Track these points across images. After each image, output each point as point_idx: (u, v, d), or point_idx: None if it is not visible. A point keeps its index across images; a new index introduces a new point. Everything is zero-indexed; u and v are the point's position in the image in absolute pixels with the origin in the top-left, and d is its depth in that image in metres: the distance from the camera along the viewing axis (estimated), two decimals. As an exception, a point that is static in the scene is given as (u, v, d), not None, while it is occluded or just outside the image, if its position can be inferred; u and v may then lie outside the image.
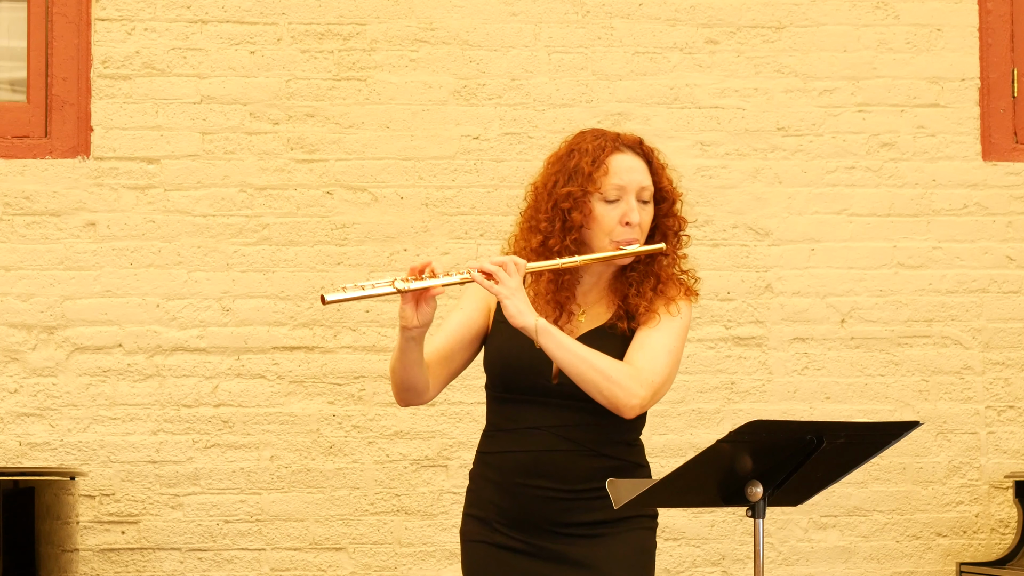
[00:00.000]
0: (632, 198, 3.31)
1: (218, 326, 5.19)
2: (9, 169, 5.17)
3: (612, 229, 3.31)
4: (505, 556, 3.35)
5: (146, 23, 5.23)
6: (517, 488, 3.32)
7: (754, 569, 3.03)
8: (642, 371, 3.25)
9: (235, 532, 5.15)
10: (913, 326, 5.35)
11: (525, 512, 3.32)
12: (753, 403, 5.28)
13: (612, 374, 3.21)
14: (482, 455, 3.42)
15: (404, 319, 3.21)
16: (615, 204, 3.31)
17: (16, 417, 5.12)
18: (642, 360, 3.27)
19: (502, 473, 3.34)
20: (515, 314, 3.18)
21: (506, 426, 3.35)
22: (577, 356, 3.20)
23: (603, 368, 3.21)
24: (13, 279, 5.15)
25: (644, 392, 3.24)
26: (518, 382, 3.32)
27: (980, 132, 5.40)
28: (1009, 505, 5.32)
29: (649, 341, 3.30)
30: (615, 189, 3.30)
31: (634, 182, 3.32)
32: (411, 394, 3.36)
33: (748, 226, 5.32)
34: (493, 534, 3.36)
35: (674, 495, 3.10)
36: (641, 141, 3.39)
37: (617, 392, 3.21)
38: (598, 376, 3.21)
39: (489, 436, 3.41)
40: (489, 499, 3.37)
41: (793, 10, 5.37)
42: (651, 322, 3.31)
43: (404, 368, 3.30)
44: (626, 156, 3.34)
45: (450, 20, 5.30)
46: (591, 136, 3.37)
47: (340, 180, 5.24)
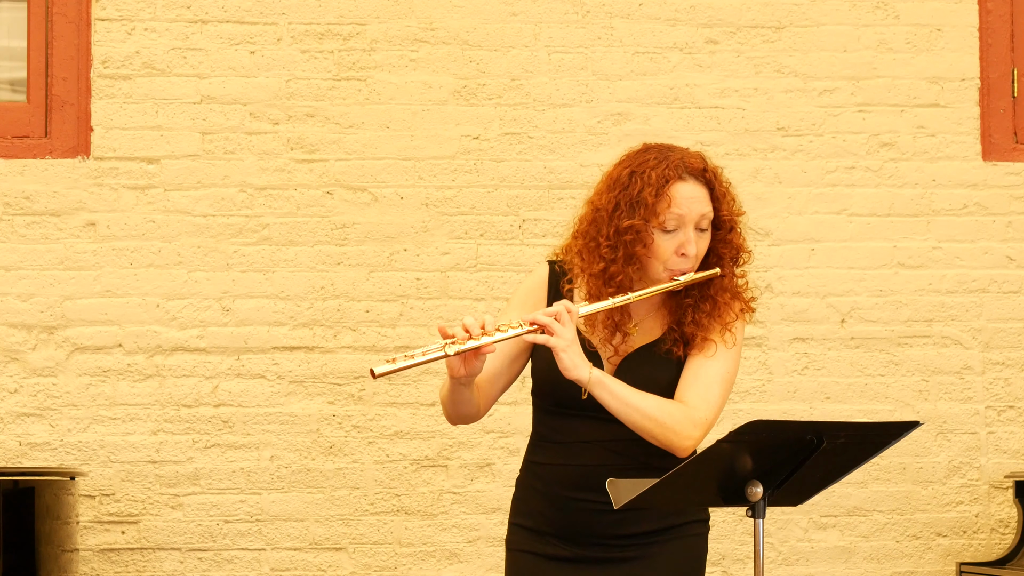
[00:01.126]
0: (690, 229, 3.27)
1: (218, 326, 5.19)
2: (9, 169, 5.17)
3: (668, 259, 3.27)
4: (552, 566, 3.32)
5: (146, 23, 5.23)
6: (566, 501, 3.30)
7: (754, 569, 3.03)
8: (695, 410, 3.24)
9: (235, 532, 5.15)
10: (913, 326, 5.35)
11: (574, 524, 3.30)
12: (753, 403, 5.28)
13: (665, 420, 3.20)
14: (530, 463, 3.39)
15: (452, 370, 3.19)
16: (672, 234, 3.27)
17: (16, 417, 5.12)
18: (695, 397, 3.25)
19: (550, 485, 3.32)
20: (570, 367, 3.15)
21: (555, 438, 3.34)
22: (631, 407, 3.19)
23: (656, 416, 3.19)
24: (13, 279, 5.15)
25: (697, 432, 3.24)
26: (568, 397, 3.28)
27: (980, 132, 5.40)
28: (1009, 505, 5.32)
29: (703, 373, 3.28)
30: (674, 219, 3.26)
31: (694, 212, 3.27)
32: (465, 420, 3.36)
33: (748, 226, 5.29)
34: (543, 545, 3.33)
35: (674, 495, 3.10)
36: (705, 168, 3.32)
37: (671, 437, 3.21)
38: (651, 424, 3.20)
39: (537, 446, 3.39)
40: (538, 510, 3.34)
41: (793, 10, 5.37)
42: (707, 350, 3.29)
43: (454, 405, 3.30)
44: (688, 185, 3.28)
45: (450, 20, 5.30)
46: (654, 160, 3.29)
47: (340, 180, 5.24)
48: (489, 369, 3.32)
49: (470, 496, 5.20)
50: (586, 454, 3.29)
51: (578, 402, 3.26)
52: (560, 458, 3.32)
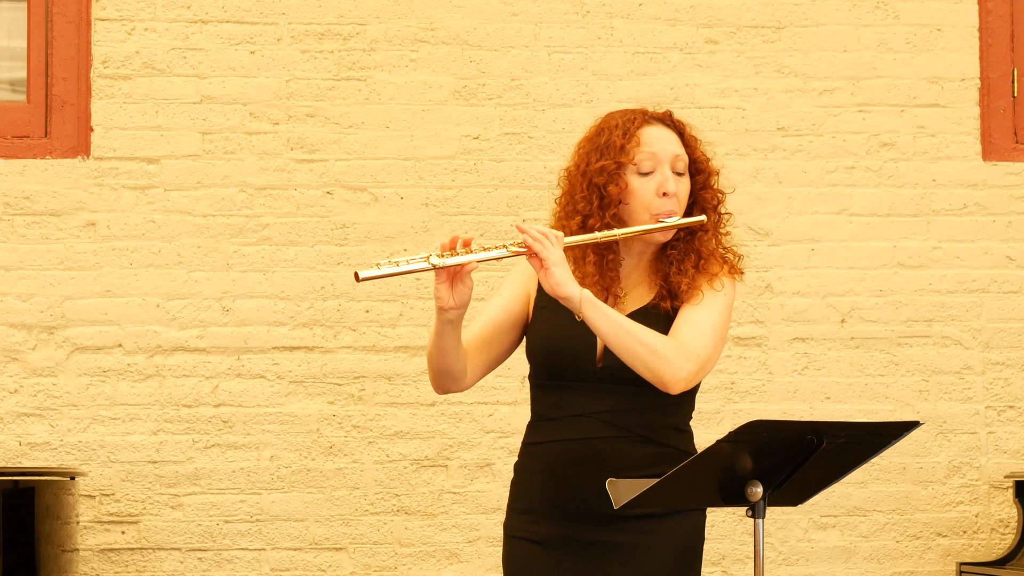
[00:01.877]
0: (666, 167, 3.27)
1: (218, 326, 5.19)
2: (9, 169, 5.17)
3: (650, 202, 3.26)
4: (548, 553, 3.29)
5: (146, 23, 5.23)
6: (565, 478, 3.26)
7: (754, 569, 3.03)
8: (687, 345, 3.19)
9: (235, 532, 5.15)
10: (913, 326, 5.35)
11: (573, 501, 3.26)
12: (753, 403, 5.28)
13: (658, 347, 3.15)
14: (528, 446, 3.37)
15: (440, 299, 3.14)
16: (650, 176, 3.26)
17: (16, 417, 5.12)
18: (687, 335, 3.21)
19: (549, 463, 3.29)
20: (560, 283, 3.11)
21: (552, 415, 3.30)
22: (622, 328, 3.14)
23: (648, 341, 3.15)
24: (13, 279, 5.15)
25: (691, 366, 3.19)
26: (562, 368, 3.26)
27: (980, 132, 5.40)
28: (1009, 505, 5.32)
29: (693, 317, 3.25)
30: (648, 159, 3.26)
31: (667, 151, 3.28)
32: (448, 380, 3.30)
33: (748, 226, 5.32)
34: (537, 526, 3.30)
35: (674, 495, 3.10)
36: (671, 113, 3.35)
37: (663, 366, 3.15)
38: (643, 349, 3.14)
39: (535, 426, 3.36)
40: (536, 490, 3.31)
41: (793, 10, 5.37)
42: (694, 299, 3.26)
43: (441, 353, 3.24)
44: (656, 128, 3.31)
45: (450, 20, 5.30)
46: (620, 113, 3.35)
47: (340, 180, 5.24)
48: (480, 334, 3.31)
49: (470, 496, 5.20)
50: (583, 427, 3.26)
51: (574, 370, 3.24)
52: (557, 434, 3.29)
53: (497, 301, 3.37)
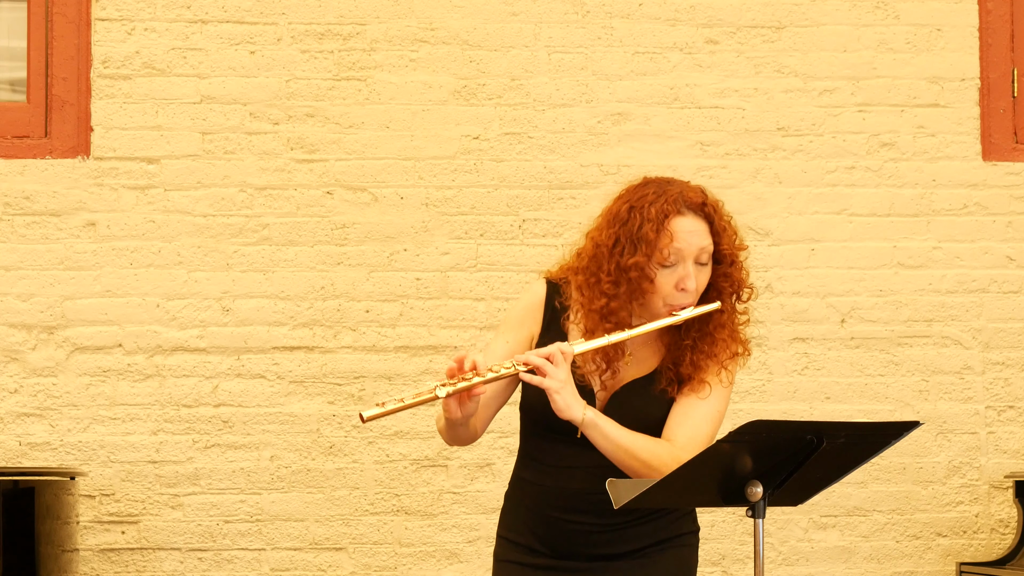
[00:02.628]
0: (690, 263, 3.25)
1: (218, 326, 5.19)
2: (9, 169, 5.17)
3: (668, 294, 3.25)
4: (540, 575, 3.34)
5: (146, 23, 5.23)
6: (554, 521, 3.31)
7: (754, 569, 3.03)
8: (682, 451, 3.21)
9: (235, 532, 5.15)
10: (913, 326, 5.35)
11: (564, 543, 3.31)
12: (753, 403, 5.28)
13: (652, 462, 3.19)
14: (519, 479, 3.41)
15: (448, 412, 3.19)
16: (672, 269, 3.24)
17: (16, 417, 5.12)
18: (683, 437, 3.25)
19: (538, 503, 3.33)
20: (564, 409, 3.15)
21: (542, 459, 3.35)
22: (620, 448, 3.19)
23: (644, 458, 3.19)
24: (13, 279, 5.15)
25: None
26: (556, 424, 3.26)
27: (980, 132, 5.40)
28: (1009, 505, 5.32)
29: (694, 413, 3.28)
30: (674, 254, 3.24)
31: (693, 246, 3.24)
32: (461, 442, 3.38)
33: (748, 226, 5.32)
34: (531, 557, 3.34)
35: (674, 495, 3.10)
36: (704, 201, 3.29)
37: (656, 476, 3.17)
38: (638, 464, 3.19)
39: (524, 461, 3.41)
40: (526, 525, 3.35)
41: (793, 10, 5.37)
42: (701, 391, 3.28)
43: (452, 436, 3.32)
44: (687, 219, 3.25)
45: (450, 20, 5.30)
46: (653, 195, 3.27)
47: (340, 180, 5.24)
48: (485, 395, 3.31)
49: (470, 496, 5.20)
50: (571, 478, 3.30)
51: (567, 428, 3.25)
52: (546, 479, 3.33)
53: (502, 349, 3.36)
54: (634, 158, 5.30)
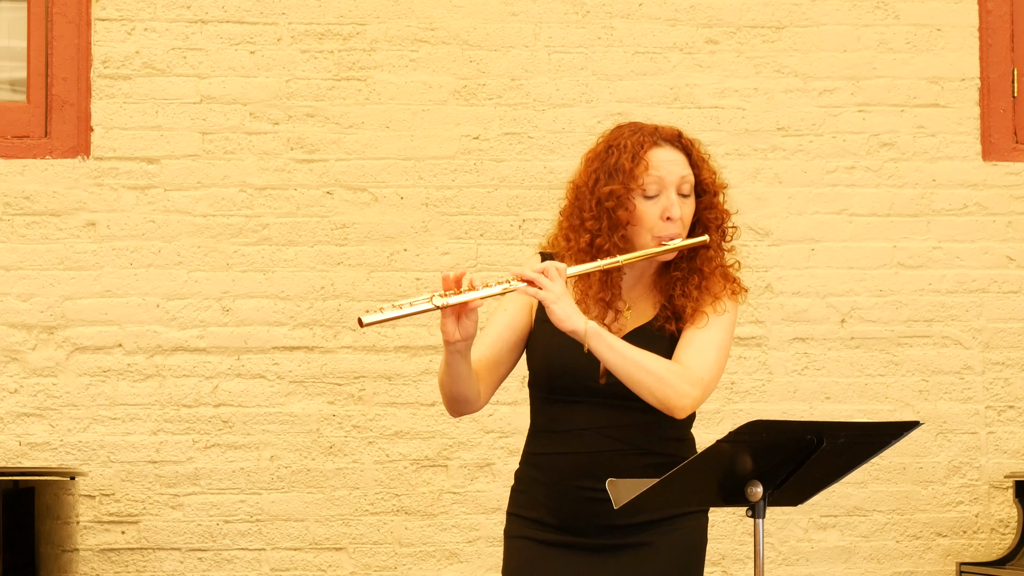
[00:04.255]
0: (672, 192, 3.28)
1: (218, 326, 5.19)
2: (9, 169, 5.17)
3: (654, 225, 3.27)
4: (553, 553, 3.32)
5: (146, 23, 5.23)
6: (568, 490, 3.29)
7: (754, 569, 3.03)
8: (692, 370, 3.22)
9: (235, 532, 5.15)
10: (913, 326, 5.35)
11: (576, 513, 3.30)
12: (753, 403, 5.28)
13: (663, 374, 3.18)
14: (530, 455, 3.39)
15: (446, 334, 3.16)
16: (655, 199, 3.27)
17: (16, 417, 5.12)
18: (691, 359, 3.24)
19: (551, 475, 3.31)
20: (563, 318, 3.14)
21: (554, 427, 3.33)
22: (628, 359, 3.17)
23: (654, 369, 3.18)
24: (13, 279, 5.15)
25: (695, 391, 3.22)
26: (565, 384, 3.28)
27: (980, 132, 5.40)
28: (1009, 505, 5.32)
29: (697, 339, 3.27)
30: (655, 182, 3.27)
31: (673, 174, 3.28)
32: (462, 404, 3.33)
33: (748, 226, 5.32)
34: (543, 533, 3.33)
35: (674, 495, 3.10)
36: (680, 134, 3.35)
37: (668, 392, 3.18)
38: (649, 378, 3.18)
39: (535, 437, 3.38)
40: (539, 500, 3.34)
41: (793, 10, 5.37)
42: (699, 322, 3.28)
43: (453, 382, 3.26)
44: (665, 150, 3.31)
45: (450, 20, 5.30)
46: (629, 131, 3.34)
47: (340, 180, 5.25)
48: (488, 356, 3.33)
49: (470, 496, 5.20)
50: (585, 441, 3.28)
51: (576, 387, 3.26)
52: (560, 447, 3.31)
53: (502, 317, 3.37)
54: (634, 158, 5.30)
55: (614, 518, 3.26)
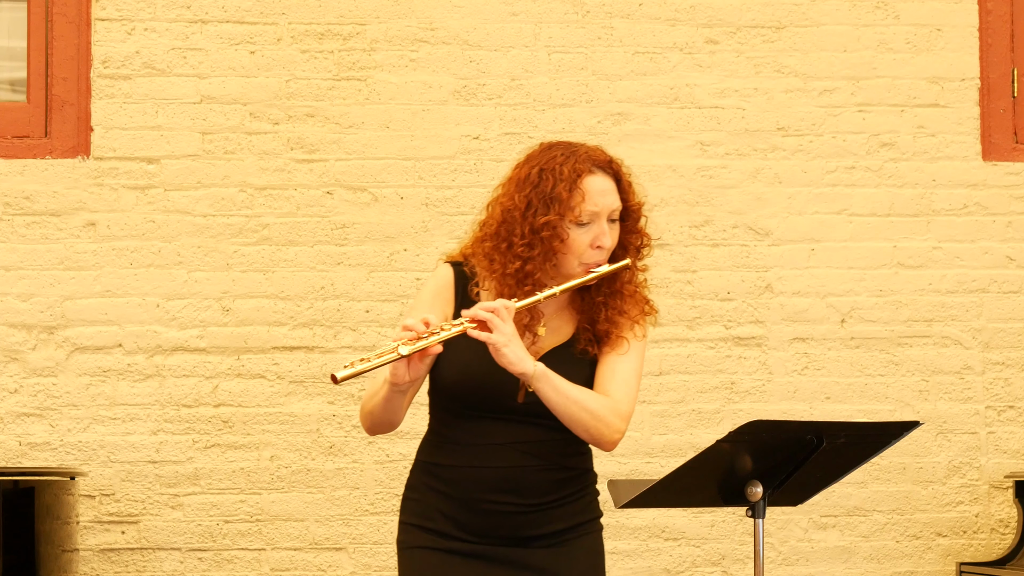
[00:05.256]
0: (604, 221, 3.30)
1: (218, 326, 5.19)
2: (9, 169, 5.17)
3: (583, 252, 3.29)
4: (455, 561, 3.30)
5: (146, 23, 5.23)
6: (475, 503, 3.29)
7: (754, 569, 3.04)
8: (620, 403, 3.27)
9: (235, 532, 5.15)
10: (913, 326, 5.35)
11: (483, 525, 3.29)
12: (753, 403, 5.28)
13: (599, 412, 3.23)
14: (429, 465, 3.39)
15: (396, 377, 3.20)
16: (587, 227, 3.28)
17: (16, 417, 5.12)
18: (618, 391, 3.29)
19: (458, 487, 3.31)
20: (515, 361, 3.15)
21: (465, 440, 3.32)
22: (571, 400, 3.21)
23: (593, 409, 3.22)
24: (13, 279, 5.15)
25: (623, 426, 3.27)
26: (482, 400, 3.29)
27: (980, 132, 5.40)
28: (1009, 505, 5.32)
29: (620, 369, 3.31)
30: (589, 214, 3.28)
31: (607, 206, 3.30)
32: (386, 428, 3.39)
33: (748, 226, 5.32)
34: (445, 542, 3.31)
35: (674, 495, 3.11)
36: (611, 160, 3.35)
37: (603, 430, 3.23)
38: (587, 416, 3.22)
39: (440, 447, 3.38)
40: (440, 510, 3.32)
41: (793, 10, 5.37)
42: (619, 347, 3.32)
43: (384, 414, 3.32)
44: (598, 177, 3.31)
45: (450, 20, 5.30)
46: (562, 156, 3.32)
47: (340, 180, 5.25)
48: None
49: (470, 496, 5.20)
50: (500, 456, 3.29)
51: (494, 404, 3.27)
52: (470, 460, 3.31)
53: None
54: (634, 158, 5.29)
55: (521, 530, 3.28)
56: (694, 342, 5.28)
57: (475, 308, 3.18)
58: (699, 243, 5.30)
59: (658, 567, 5.24)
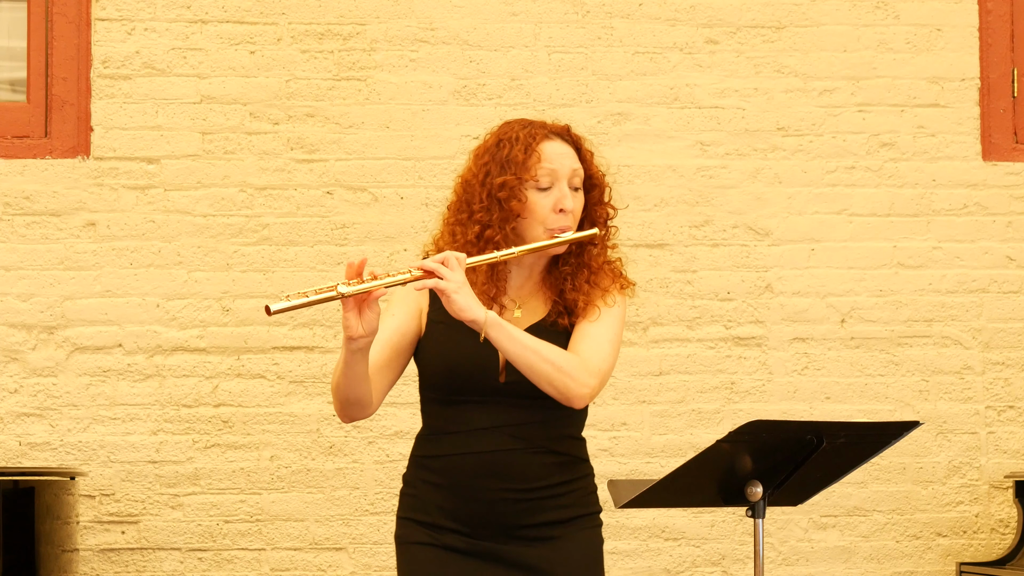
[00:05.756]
0: (564, 184, 3.29)
1: (218, 326, 5.19)
2: (9, 169, 5.17)
3: (546, 217, 3.28)
4: (452, 558, 3.29)
5: (146, 23, 5.23)
6: (470, 491, 3.27)
7: (754, 569, 3.04)
8: (589, 360, 3.22)
9: (235, 532, 5.15)
10: (913, 326, 5.35)
11: (478, 515, 3.27)
12: (753, 403, 5.28)
13: (563, 364, 3.18)
14: (422, 459, 3.37)
15: (348, 328, 3.11)
16: (547, 192, 3.28)
17: (16, 417, 5.13)
18: (587, 350, 3.25)
19: (451, 477, 3.29)
20: (464, 308, 3.11)
21: (452, 428, 3.31)
22: (527, 348, 3.16)
23: (553, 359, 3.17)
24: (13, 279, 5.15)
25: (593, 381, 3.22)
26: (464, 384, 3.27)
27: (980, 132, 5.40)
28: (1009, 505, 5.33)
29: (591, 332, 3.28)
30: (547, 175, 3.28)
31: (565, 167, 3.30)
32: (357, 408, 3.30)
33: (748, 226, 5.32)
34: (441, 535, 3.30)
35: (674, 495, 3.10)
36: (569, 128, 3.38)
37: (568, 382, 3.18)
38: (548, 367, 3.17)
39: (430, 439, 3.36)
40: (435, 504, 3.30)
41: (793, 10, 5.37)
42: (591, 315, 3.29)
43: (349, 384, 3.23)
44: (556, 143, 3.33)
45: (450, 20, 5.30)
46: (519, 125, 3.36)
47: (340, 180, 5.25)
48: (378, 360, 3.29)
49: (470, 496, 5.20)
50: (486, 440, 3.27)
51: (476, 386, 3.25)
52: (459, 448, 3.29)
53: (390, 321, 3.34)
54: (634, 158, 5.30)
55: (516, 518, 3.26)
56: (694, 342, 5.28)
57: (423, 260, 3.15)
58: (699, 243, 5.30)
59: (658, 567, 5.24)
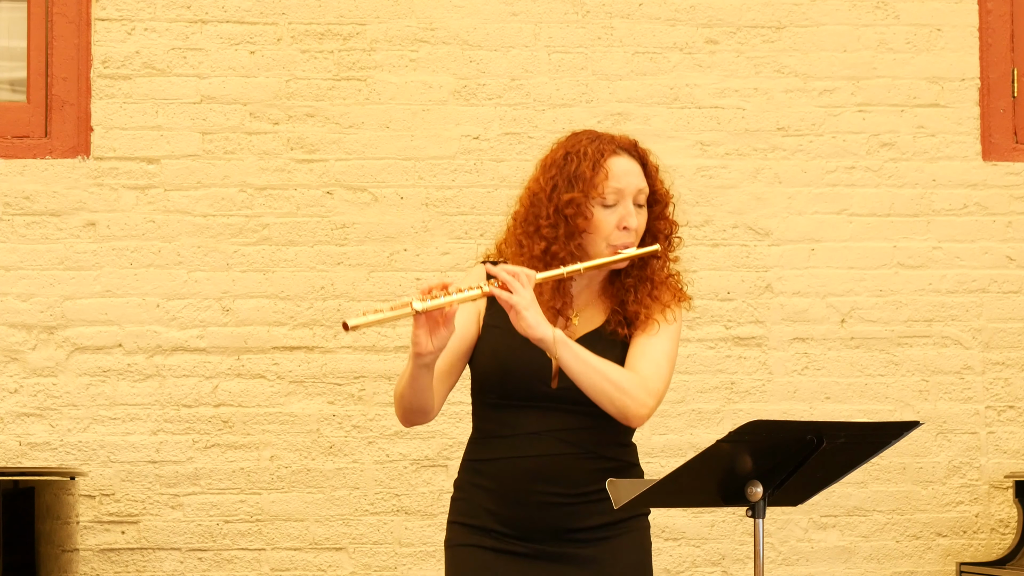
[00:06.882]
0: (629, 202, 3.31)
1: (218, 326, 5.19)
2: (9, 169, 5.17)
3: (610, 233, 3.30)
4: (502, 560, 3.30)
5: (146, 23, 5.23)
6: (519, 495, 3.29)
7: (754, 569, 3.04)
8: (648, 380, 3.26)
9: (235, 532, 5.15)
10: (913, 326, 5.35)
11: (528, 519, 3.29)
12: (753, 403, 5.28)
13: (624, 384, 3.21)
14: (473, 463, 3.38)
15: (418, 345, 3.16)
16: (613, 209, 3.30)
17: (16, 417, 5.13)
18: (647, 368, 3.28)
19: (501, 481, 3.31)
20: (533, 325, 3.15)
21: (503, 432, 3.32)
22: (592, 368, 3.19)
23: (616, 380, 3.21)
24: (13, 279, 5.15)
25: (652, 401, 3.26)
26: (517, 388, 3.29)
27: (980, 132, 5.40)
28: (1009, 505, 5.33)
29: (650, 349, 3.31)
30: (614, 193, 3.30)
31: (632, 185, 3.32)
32: (420, 415, 3.32)
33: (748, 226, 5.32)
34: (489, 540, 3.31)
35: (674, 495, 3.10)
36: (636, 144, 3.39)
37: (628, 402, 3.22)
38: (611, 387, 3.21)
39: (481, 443, 3.37)
40: (485, 508, 3.32)
41: (793, 10, 5.37)
42: (650, 329, 3.32)
43: (415, 394, 3.26)
44: (623, 159, 3.34)
45: (450, 20, 5.30)
46: (587, 139, 3.36)
47: (340, 180, 5.25)
48: (440, 367, 3.31)
49: (470, 496, 5.20)
50: (535, 445, 3.28)
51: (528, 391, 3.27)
52: (509, 451, 3.30)
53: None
54: (634, 158, 5.30)
55: (565, 522, 3.28)
56: (694, 342, 5.28)
57: (496, 269, 3.18)
58: (699, 243, 5.30)
59: (658, 567, 5.24)
